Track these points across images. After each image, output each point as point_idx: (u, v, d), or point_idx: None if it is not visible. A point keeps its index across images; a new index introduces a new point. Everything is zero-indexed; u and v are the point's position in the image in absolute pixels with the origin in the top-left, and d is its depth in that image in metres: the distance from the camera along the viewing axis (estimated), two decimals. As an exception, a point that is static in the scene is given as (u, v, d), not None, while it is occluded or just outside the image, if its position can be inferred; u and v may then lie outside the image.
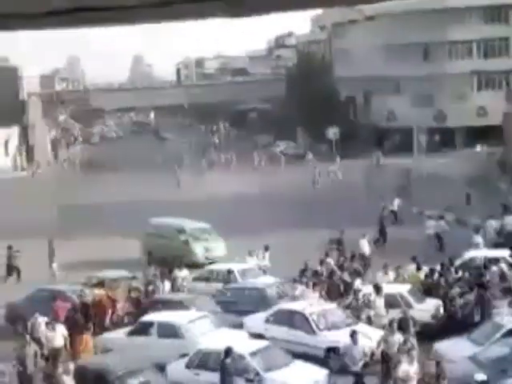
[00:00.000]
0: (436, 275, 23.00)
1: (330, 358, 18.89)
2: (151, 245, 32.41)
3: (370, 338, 19.05)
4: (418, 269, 23.78)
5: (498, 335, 17.54)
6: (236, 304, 22.49)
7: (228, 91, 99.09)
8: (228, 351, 16.77)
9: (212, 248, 32.10)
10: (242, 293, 23.15)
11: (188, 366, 18.01)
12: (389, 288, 21.40)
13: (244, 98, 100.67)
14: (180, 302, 22.16)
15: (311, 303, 21.07)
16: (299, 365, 17.76)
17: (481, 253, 25.69)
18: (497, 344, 17.05)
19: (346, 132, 66.57)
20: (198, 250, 31.89)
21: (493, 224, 30.74)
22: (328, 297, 22.86)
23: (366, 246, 29.14)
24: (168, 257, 29.98)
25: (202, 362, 17.76)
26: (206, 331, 19.76)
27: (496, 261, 23.90)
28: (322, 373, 17.62)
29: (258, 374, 16.96)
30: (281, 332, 20.09)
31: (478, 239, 28.14)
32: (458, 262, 24.49)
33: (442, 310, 21.11)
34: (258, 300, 22.38)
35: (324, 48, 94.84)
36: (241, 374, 16.79)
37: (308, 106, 74.26)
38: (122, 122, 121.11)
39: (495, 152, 52.86)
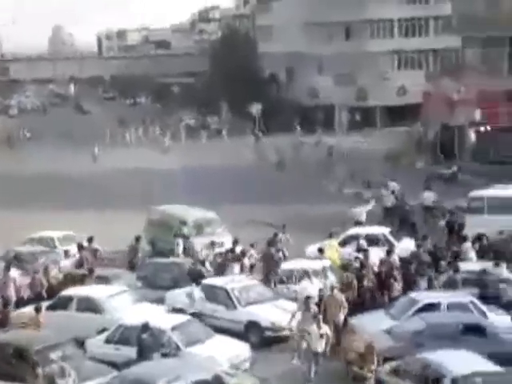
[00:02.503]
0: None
1: (250, 333, 19.12)
2: (153, 235, 28.07)
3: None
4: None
5: (413, 310, 18.09)
6: (156, 279, 22.47)
7: (151, 64, 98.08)
8: (145, 326, 16.79)
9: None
10: (163, 268, 23.11)
11: (108, 341, 17.99)
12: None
13: (167, 71, 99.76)
14: (101, 276, 21.99)
15: (234, 279, 21.22)
16: (220, 339, 17.90)
17: (362, 230, 25.66)
18: (413, 318, 17.58)
19: (269, 108, 66.81)
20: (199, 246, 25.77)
21: (384, 193, 31.54)
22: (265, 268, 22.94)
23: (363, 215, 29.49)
24: (169, 251, 25.91)
25: (122, 336, 17.73)
26: (125, 306, 19.73)
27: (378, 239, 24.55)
28: (243, 347, 17.82)
29: (178, 348, 17.02)
30: (202, 307, 20.19)
31: (362, 215, 29.01)
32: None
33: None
34: (179, 276, 22.40)
35: (248, 23, 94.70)
36: (160, 349, 16.78)
37: (231, 81, 74.15)
38: (42, 94, 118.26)
39: (414, 131, 54.01)
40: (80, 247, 24.73)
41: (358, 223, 28.61)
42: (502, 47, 42.16)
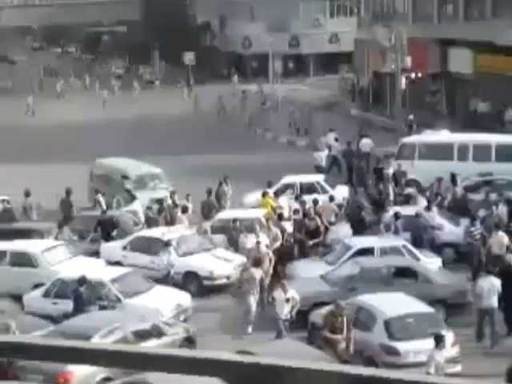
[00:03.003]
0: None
1: (188, 283, 19.26)
2: (96, 190, 26.83)
3: (230, 261, 19.62)
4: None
5: (347, 255, 18.47)
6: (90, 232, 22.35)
7: (80, 12, 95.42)
8: (82, 279, 16.76)
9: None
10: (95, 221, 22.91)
11: (45, 295, 17.90)
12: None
13: (97, 19, 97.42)
14: (36, 230, 21.74)
15: (169, 229, 21.25)
16: (161, 290, 17.95)
17: (296, 178, 25.69)
18: (347, 263, 17.96)
19: (202, 58, 66.14)
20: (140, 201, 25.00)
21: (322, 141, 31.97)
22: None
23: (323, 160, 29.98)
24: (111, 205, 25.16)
25: (60, 290, 17.65)
26: (61, 260, 19.61)
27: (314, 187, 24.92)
28: (184, 296, 17.94)
29: (119, 299, 17.05)
30: (139, 259, 20.21)
31: (323, 160, 29.49)
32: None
33: None
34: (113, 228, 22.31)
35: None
36: (97, 302, 16.81)
37: (164, 30, 73.02)
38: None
39: (346, 79, 54.34)
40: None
41: (318, 168, 28.73)
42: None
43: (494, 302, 15.73)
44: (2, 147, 39.05)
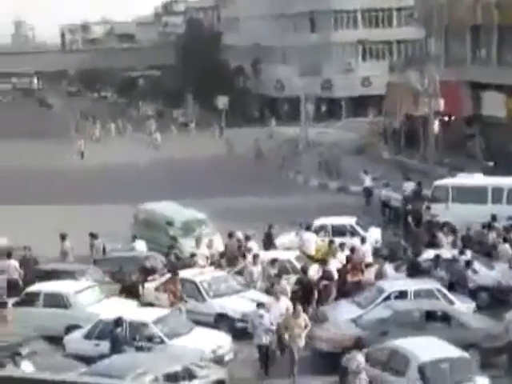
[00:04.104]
0: None
1: (220, 325, 19.20)
2: (139, 237, 25.78)
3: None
4: None
5: (380, 298, 18.33)
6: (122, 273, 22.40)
7: (115, 57, 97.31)
8: (118, 321, 16.85)
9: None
10: (125, 261, 23.01)
11: (87, 337, 17.89)
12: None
13: (132, 64, 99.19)
14: (68, 271, 21.91)
15: (202, 271, 21.29)
16: (201, 331, 17.92)
17: (328, 220, 25.68)
18: (379, 307, 17.82)
19: (236, 101, 66.86)
20: (187, 248, 24.33)
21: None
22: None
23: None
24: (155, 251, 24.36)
25: (101, 332, 17.61)
26: (94, 301, 19.75)
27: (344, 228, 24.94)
28: (225, 338, 17.88)
29: (162, 341, 17.05)
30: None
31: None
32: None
33: None
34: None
35: (212, 16, 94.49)
36: (134, 343, 16.80)
37: (197, 74, 74.03)
38: (5, 88, 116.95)
39: (378, 122, 54.44)
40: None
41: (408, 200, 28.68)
42: (464, 37, 42.63)
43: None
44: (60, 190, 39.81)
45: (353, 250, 21.56)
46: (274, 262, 20.99)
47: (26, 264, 22.95)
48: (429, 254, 21.20)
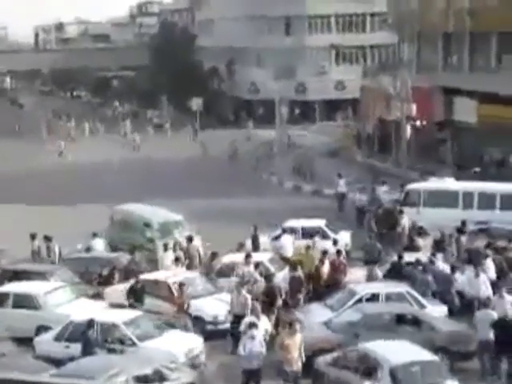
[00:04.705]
0: None
1: (194, 327, 19.13)
2: (115, 238, 26.17)
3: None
4: None
5: (351, 301, 18.40)
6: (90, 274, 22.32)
7: (90, 57, 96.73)
8: (91, 322, 16.70)
9: None
10: (96, 262, 22.93)
11: (57, 339, 17.68)
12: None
13: (107, 64, 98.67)
14: (39, 272, 21.73)
15: (174, 273, 21.22)
16: (174, 333, 17.77)
17: (298, 223, 25.68)
18: (350, 309, 17.89)
19: (210, 103, 66.79)
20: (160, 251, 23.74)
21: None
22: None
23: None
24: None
25: (72, 334, 17.41)
26: (64, 302, 19.59)
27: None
28: (197, 340, 17.77)
29: (133, 343, 16.92)
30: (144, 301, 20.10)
31: None
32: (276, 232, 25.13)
33: None
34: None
35: (187, 17, 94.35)
36: (106, 345, 16.70)
37: (171, 75, 73.83)
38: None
39: (351, 125, 54.74)
40: None
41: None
42: (436, 43, 43.00)
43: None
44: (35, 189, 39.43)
45: (325, 252, 21.62)
46: (257, 265, 20.65)
47: None
48: (410, 257, 21.28)
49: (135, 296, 19.55)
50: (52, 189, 40.49)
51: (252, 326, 15.86)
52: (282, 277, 20.62)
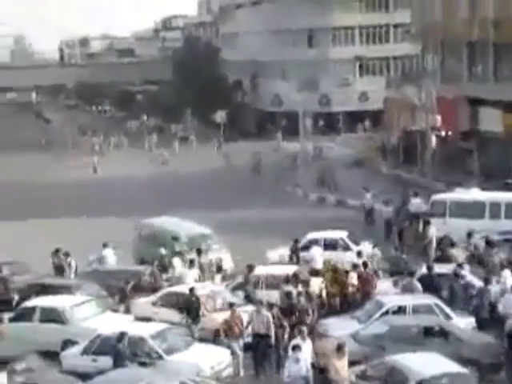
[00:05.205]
0: None
1: (218, 339, 19.09)
2: (143, 252, 26.47)
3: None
4: None
5: (378, 313, 18.28)
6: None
7: (114, 72, 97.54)
8: (122, 335, 16.62)
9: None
10: (121, 276, 22.94)
11: (85, 352, 17.68)
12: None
13: (131, 79, 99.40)
14: (65, 286, 21.83)
15: (201, 286, 21.20)
16: (200, 347, 17.78)
17: (320, 234, 25.70)
18: (377, 322, 17.77)
19: (234, 115, 66.99)
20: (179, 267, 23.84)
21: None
22: None
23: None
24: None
25: (99, 347, 17.41)
26: (90, 315, 19.62)
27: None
28: (224, 353, 17.71)
29: (160, 356, 16.91)
30: (169, 315, 20.13)
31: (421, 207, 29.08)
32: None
33: None
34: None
35: (211, 31, 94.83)
36: (137, 358, 16.66)
37: (195, 88, 74.17)
38: (2, 102, 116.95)
39: (375, 136, 54.59)
40: None
41: (414, 215, 28.26)
42: (460, 53, 42.81)
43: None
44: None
45: (356, 266, 21.49)
46: (295, 276, 20.10)
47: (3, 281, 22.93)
48: (441, 268, 21.07)
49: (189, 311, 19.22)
50: (80, 202, 40.73)
51: (295, 348, 15.05)
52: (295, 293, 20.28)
